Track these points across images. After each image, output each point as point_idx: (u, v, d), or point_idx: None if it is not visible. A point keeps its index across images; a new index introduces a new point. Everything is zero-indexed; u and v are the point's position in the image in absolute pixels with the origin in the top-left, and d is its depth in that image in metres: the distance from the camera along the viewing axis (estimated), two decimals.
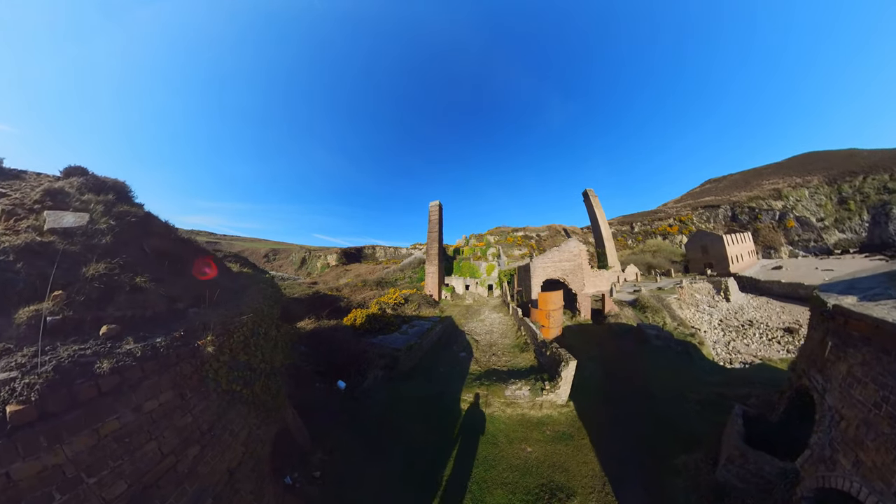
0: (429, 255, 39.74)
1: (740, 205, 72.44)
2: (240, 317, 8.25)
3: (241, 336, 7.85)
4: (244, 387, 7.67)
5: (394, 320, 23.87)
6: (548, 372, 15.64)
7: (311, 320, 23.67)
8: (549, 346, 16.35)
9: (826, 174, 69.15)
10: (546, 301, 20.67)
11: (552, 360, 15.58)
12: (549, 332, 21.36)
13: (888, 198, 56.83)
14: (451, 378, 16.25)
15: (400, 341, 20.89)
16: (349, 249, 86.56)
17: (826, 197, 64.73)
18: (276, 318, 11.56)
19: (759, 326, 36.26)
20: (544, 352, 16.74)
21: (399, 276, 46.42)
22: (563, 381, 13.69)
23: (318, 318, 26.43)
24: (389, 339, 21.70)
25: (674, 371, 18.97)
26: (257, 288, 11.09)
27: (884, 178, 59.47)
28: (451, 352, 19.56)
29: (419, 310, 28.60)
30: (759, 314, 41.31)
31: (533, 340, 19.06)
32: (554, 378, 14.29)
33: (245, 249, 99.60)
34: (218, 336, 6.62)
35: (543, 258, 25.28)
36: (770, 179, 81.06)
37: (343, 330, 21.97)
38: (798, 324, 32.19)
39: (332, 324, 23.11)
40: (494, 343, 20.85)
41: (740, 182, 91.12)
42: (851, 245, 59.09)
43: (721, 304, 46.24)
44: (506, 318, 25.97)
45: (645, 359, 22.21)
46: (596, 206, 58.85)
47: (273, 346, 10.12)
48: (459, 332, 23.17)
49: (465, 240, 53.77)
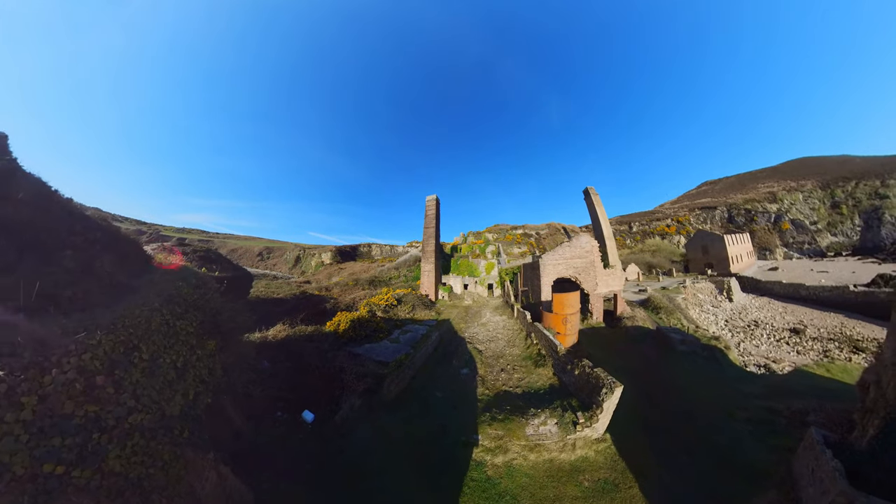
0: (425, 253, 35.79)
1: (736, 207, 71.11)
2: (93, 332, 4.32)
3: (86, 365, 3.88)
4: (77, 464, 3.68)
5: (384, 325, 19.90)
6: (576, 396, 11.81)
7: (285, 326, 19.57)
8: (576, 363, 12.52)
9: (820, 179, 68.61)
10: (563, 304, 16.87)
11: (583, 382, 11.73)
12: (566, 339, 17.60)
13: (879, 203, 56.64)
14: (452, 407, 12.20)
15: (389, 352, 16.89)
16: (344, 247, 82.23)
17: (819, 201, 64.38)
18: (188, 333, 7.59)
19: (766, 327, 33.80)
20: (569, 369, 12.93)
21: (393, 275, 42.42)
22: (604, 412, 9.88)
23: (294, 323, 22.40)
24: (377, 349, 17.68)
25: (707, 382, 16.17)
26: (159, 289, 7.14)
27: (875, 184, 59.38)
28: (451, 367, 15.50)
29: (413, 312, 24.72)
30: (762, 314, 38.89)
31: (551, 352, 15.24)
32: (588, 406, 10.45)
33: (239, 248, 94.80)
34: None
35: (553, 255, 21.56)
36: (765, 183, 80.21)
37: (321, 339, 17.91)
38: (802, 324, 29.71)
39: (310, 330, 19.02)
40: (501, 354, 16.96)
41: (736, 185, 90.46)
42: (843, 248, 58.38)
43: (724, 304, 43.63)
44: (510, 322, 22.15)
45: (673, 368, 18.72)
46: (597, 203, 55.85)
47: (170, 381, 6.14)
48: (459, 339, 19.22)
49: (462, 237, 49.90)
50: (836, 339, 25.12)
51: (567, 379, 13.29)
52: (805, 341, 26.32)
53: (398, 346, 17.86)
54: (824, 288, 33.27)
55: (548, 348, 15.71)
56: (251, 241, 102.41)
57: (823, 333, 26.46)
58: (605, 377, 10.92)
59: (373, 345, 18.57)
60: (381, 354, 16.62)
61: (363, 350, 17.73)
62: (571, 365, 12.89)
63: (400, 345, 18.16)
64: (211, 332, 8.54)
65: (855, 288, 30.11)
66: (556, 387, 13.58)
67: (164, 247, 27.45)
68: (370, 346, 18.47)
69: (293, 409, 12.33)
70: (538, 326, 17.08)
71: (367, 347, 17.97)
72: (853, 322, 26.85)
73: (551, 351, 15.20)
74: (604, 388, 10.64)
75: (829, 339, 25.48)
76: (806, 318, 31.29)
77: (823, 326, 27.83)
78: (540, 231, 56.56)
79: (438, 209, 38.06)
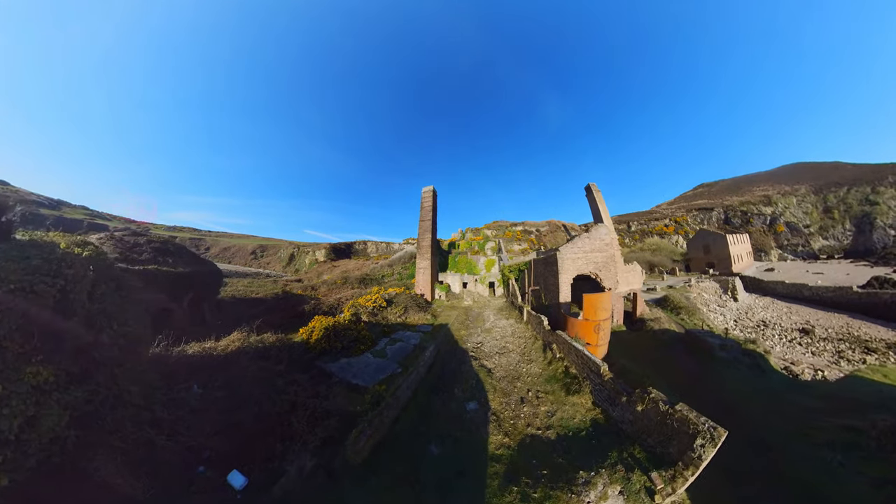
0: (420, 248, 31.26)
1: (733, 208, 69.67)
2: None
3: None
4: None
5: (367, 333, 15.37)
6: (638, 442, 7.50)
7: (242, 334, 14.93)
8: (636, 394, 8.18)
9: (813, 184, 67.92)
10: (595, 307, 12.53)
11: (653, 423, 7.38)
12: (597, 351, 13.30)
13: (869, 209, 56.37)
14: (457, 473, 7.66)
15: (369, 371, 12.37)
16: (339, 245, 77.23)
17: (812, 205, 63.90)
18: None
19: (775, 327, 31.49)
20: (623, 402, 8.61)
21: (387, 273, 37.83)
22: (697, 471, 5.55)
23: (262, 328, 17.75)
24: (355, 366, 13.13)
25: (761, 395, 13.82)
26: None
27: (866, 190, 59.18)
28: (452, 399, 10.77)
29: (406, 315, 20.27)
30: (768, 314, 36.59)
31: (588, 374, 10.81)
32: (662, 458, 6.22)
33: (232, 246, 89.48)
34: None
35: (572, 248, 17.26)
36: (760, 186, 79.04)
37: (283, 352, 13.39)
38: (810, 324, 27.60)
39: (272, 341, 14.40)
40: (517, 373, 12.45)
41: (732, 187, 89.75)
42: (835, 251, 57.79)
43: (730, 303, 40.79)
44: (520, 328, 17.77)
45: (720, 381, 15.39)
46: (599, 201, 52.24)
47: None
48: (460, 351, 14.64)
49: (460, 234, 45.42)
50: (845, 339, 23.24)
51: (619, 414, 8.96)
52: (816, 342, 24.13)
53: (382, 361, 13.34)
54: (827, 288, 31.65)
55: (582, 367, 11.30)
56: (245, 239, 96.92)
57: (832, 334, 24.58)
58: (698, 420, 6.66)
59: (351, 359, 14.02)
60: (358, 374, 12.08)
61: (337, 367, 13.16)
62: (628, 396, 8.56)
63: (385, 360, 13.63)
64: None
65: (858, 289, 28.35)
66: (600, 424, 9.23)
67: (111, 235, 22.63)
68: (347, 361, 13.91)
69: (222, 465, 7.75)
70: (563, 337, 12.66)
71: (342, 364, 13.41)
72: (858, 322, 25.25)
73: (588, 372, 10.79)
74: (698, 436, 6.38)
75: (839, 339, 23.53)
76: (812, 319, 29.28)
77: (830, 327, 26.04)
78: (540, 228, 52.33)
79: (435, 201, 33.58)
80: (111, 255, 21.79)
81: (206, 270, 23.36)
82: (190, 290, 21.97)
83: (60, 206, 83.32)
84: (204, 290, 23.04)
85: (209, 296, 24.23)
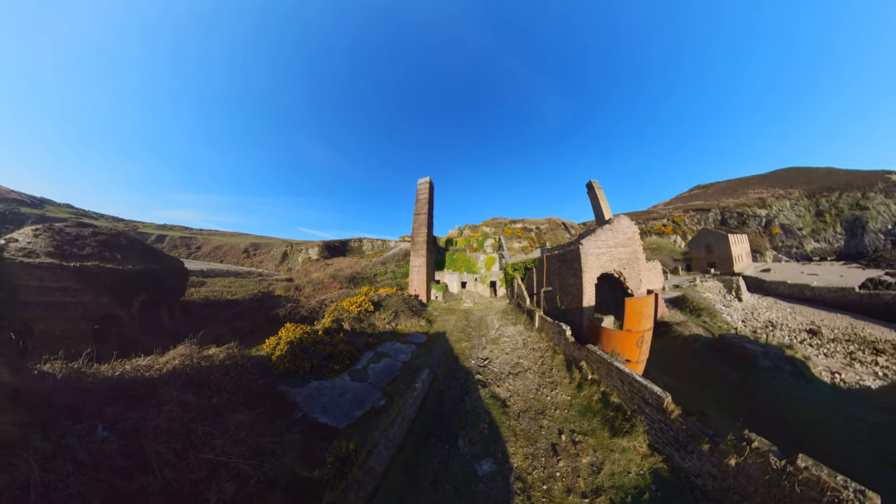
0: (414, 244, 27.65)
1: (729, 210, 68.98)
2: None
3: None
4: None
5: (345, 347, 11.72)
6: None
7: (189, 346, 11.24)
8: (731, 442, 4.88)
9: (806, 188, 68.07)
10: (638, 313, 9.22)
11: (764, 487, 4.09)
12: (638, 368, 9.97)
13: (860, 214, 57.01)
14: None
15: (344, 403, 8.84)
16: (333, 242, 73.17)
17: (805, 209, 64.02)
18: None
19: (783, 328, 29.15)
20: (705, 450, 5.28)
21: (379, 271, 34.14)
22: None
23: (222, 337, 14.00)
24: (327, 392, 9.57)
25: (818, 411, 12.28)
26: None
27: (857, 195, 59.61)
28: (456, 456, 6.74)
29: (396, 321, 16.63)
30: (773, 315, 34.38)
31: (640, 407, 7.44)
32: None
33: (224, 244, 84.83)
34: None
35: (595, 241, 13.82)
36: (755, 189, 77.97)
37: (228, 376, 9.74)
38: (815, 325, 25.73)
39: (222, 357, 10.72)
40: (541, 405, 8.80)
41: (727, 189, 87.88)
42: (826, 253, 58.07)
43: (735, 303, 38.36)
44: (532, 337, 14.28)
45: (770, 395, 13.23)
46: (601, 197, 49.66)
47: None
48: (462, 372, 10.83)
49: (458, 230, 41.92)
50: (852, 340, 22.00)
51: (694, 465, 5.76)
52: (826, 343, 22.69)
53: (362, 388, 9.77)
54: (829, 289, 30.57)
55: (629, 397, 7.91)
56: (237, 237, 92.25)
57: (839, 335, 23.32)
58: (839, 484, 3.39)
59: (323, 383, 10.41)
60: (329, 407, 8.54)
61: (303, 396, 9.56)
62: (712, 443, 5.26)
63: (365, 385, 10.05)
64: None
65: (860, 290, 27.48)
66: (665, 477, 6.05)
67: (49, 227, 18.68)
68: (318, 385, 10.31)
69: None
70: (597, 354, 9.22)
71: (311, 390, 9.80)
72: (861, 323, 24.25)
73: (641, 404, 7.41)
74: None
75: (847, 340, 22.29)
76: (816, 319, 27.80)
77: (835, 327, 24.78)
78: (540, 226, 49.09)
79: (432, 194, 30.02)
80: (44, 250, 17.91)
81: (164, 269, 19.48)
82: (142, 291, 18.11)
83: (44, 204, 78.01)
84: (162, 291, 19.17)
85: (170, 298, 20.38)
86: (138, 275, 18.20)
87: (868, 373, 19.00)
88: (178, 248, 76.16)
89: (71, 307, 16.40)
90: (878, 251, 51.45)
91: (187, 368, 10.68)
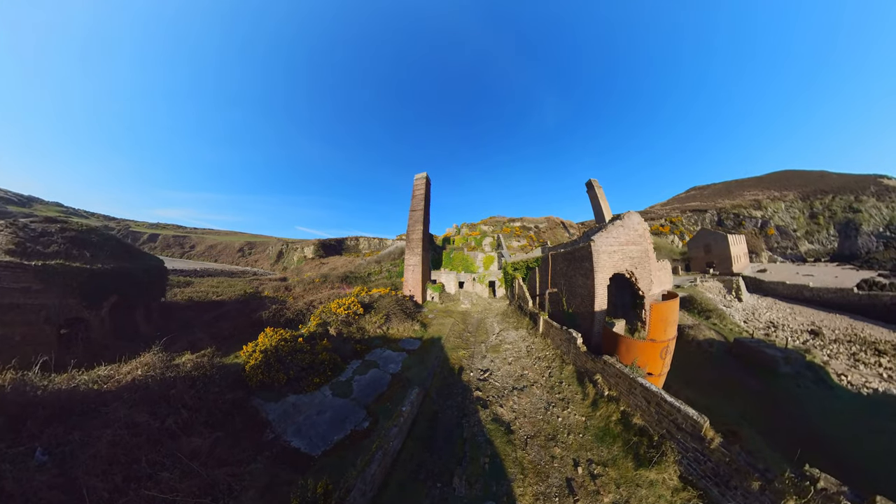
0: (409, 242, 26.26)
1: (725, 211, 69.28)
2: None
3: None
4: None
5: (326, 356, 10.33)
6: None
7: (153, 355, 9.83)
8: (796, 482, 3.62)
9: (801, 191, 68.92)
10: (666, 321, 8.15)
11: None
12: (660, 381, 8.73)
13: (852, 216, 58.15)
14: None
15: (323, 423, 7.50)
16: (329, 241, 71.47)
17: (799, 211, 64.93)
18: None
19: (784, 328, 28.99)
20: (754, 489, 4.02)
21: (374, 270, 32.72)
22: None
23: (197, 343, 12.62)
24: (304, 408, 8.23)
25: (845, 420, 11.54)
26: None
27: (849, 198, 60.80)
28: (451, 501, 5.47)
29: (387, 325, 15.04)
30: (773, 315, 34.35)
31: (672, 433, 6.17)
32: None
33: (218, 243, 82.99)
34: None
35: (607, 238, 12.46)
36: (751, 191, 78.37)
37: (191, 390, 8.36)
38: (816, 325, 25.85)
39: (189, 367, 9.33)
40: (552, 428, 7.39)
41: (723, 191, 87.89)
42: (819, 255, 58.79)
43: (735, 303, 37.79)
44: (536, 343, 12.93)
45: (796, 405, 12.22)
46: (600, 196, 48.83)
47: None
48: (459, 387, 9.26)
49: (455, 229, 40.56)
50: (853, 341, 21.95)
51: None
52: (828, 344, 22.61)
53: (344, 405, 8.43)
54: (828, 290, 30.62)
55: (656, 419, 6.64)
56: (233, 236, 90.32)
57: (840, 335, 23.23)
58: None
59: (301, 398, 9.06)
60: (305, 428, 7.23)
61: (278, 412, 8.21)
62: (765, 481, 4.03)
63: (348, 401, 8.70)
64: None
65: (859, 291, 27.74)
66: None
67: (13, 222, 17.14)
68: (296, 400, 8.95)
69: None
70: (616, 367, 7.90)
71: (287, 406, 8.44)
72: (860, 324, 24.36)
73: (672, 429, 6.16)
74: None
75: (848, 341, 22.21)
76: (816, 320, 27.80)
77: (836, 328, 24.75)
78: (539, 224, 47.83)
79: (428, 190, 28.63)
80: (4, 248, 16.36)
81: (139, 267, 17.97)
82: (113, 291, 16.61)
83: (31, 202, 75.79)
84: (136, 291, 17.68)
85: (147, 299, 18.89)
86: (109, 274, 16.68)
87: (872, 374, 18.22)
88: (172, 248, 74.25)
89: (32, 310, 14.86)
90: (870, 253, 52.23)
91: (149, 380, 9.30)
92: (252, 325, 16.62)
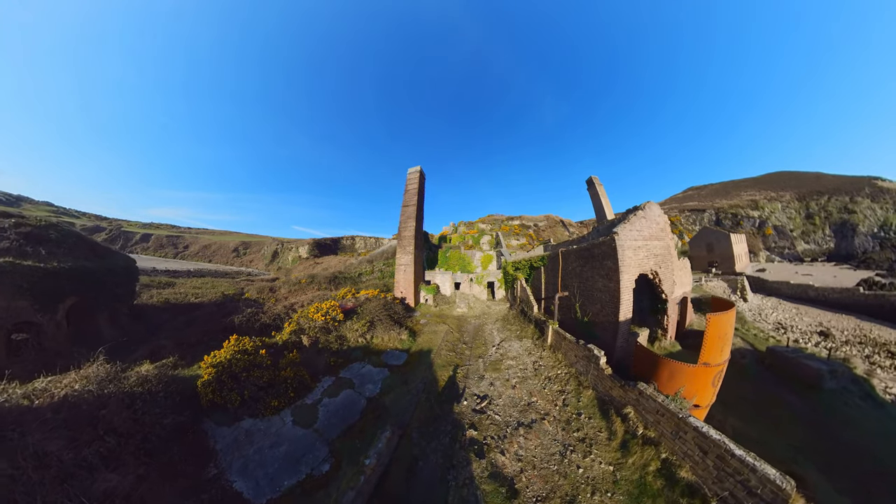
0: (401, 240, 24.50)
1: (723, 211, 69.25)
2: None
3: None
4: None
5: (289, 375, 8.55)
6: None
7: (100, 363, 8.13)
8: None
9: (797, 191, 69.48)
10: (723, 338, 6.33)
11: None
12: (704, 413, 6.97)
13: (847, 217, 59.10)
14: None
15: (275, 461, 5.88)
16: (324, 240, 69.66)
17: (796, 211, 65.55)
18: None
19: (794, 330, 27.46)
20: None
21: (365, 270, 30.96)
22: None
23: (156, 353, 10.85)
24: (259, 439, 6.54)
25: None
26: None
27: (845, 199, 61.95)
28: None
29: (371, 333, 13.29)
30: (780, 315, 32.87)
31: (736, 497, 4.44)
32: None
33: (213, 243, 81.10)
34: None
35: (630, 229, 10.54)
36: (748, 191, 78.56)
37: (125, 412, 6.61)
38: (823, 326, 24.81)
39: (132, 383, 7.62)
40: (572, 485, 5.54)
41: (720, 191, 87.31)
42: (816, 255, 59.29)
43: (740, 304, 36.13)
44: (544, 358, 11.03)
45: (851, 430, 10.17)
46: (601, 194, 47.09)
47: None
48: (448, 421, 7.81)
49: (452, 227, 38.81)
50: (864, 342, 20.89)
51: None
52: (840, 346, 21.55)
53: (305, 436, 6.74)
54: (833, 290, 29.87)
55: (715, 474, 4.92)
56: (227, 235, 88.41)
57: (849, 336, 22.27)
58: None
59: (257, 423, 7.36)
60: (254, 464, 5.60)
61: (227, 440, 6.58)
62: None
63: (311, 432, 7.02)
64: None
65: (864, 290, 26.95)
66: None
67: None
68: (251, 425, 7.26)
69: None
70: (658, 400, 6.09)
71: (239, 432, 6.77)
72: (867, 324, 23.50)
73: (740, 491, 4.50)
74: None
75: (859, 342, 21.13)
76: (823, 320, 26.82)
77: (844, 329, 23.83)
78: (538, 223, 46.11)
79: (422, 185, 26.88)
80: None
81: (103, 267, 16.20)
82: (70, 293, 14.82)
83: (20, 202, 73.88)
84: (99, 293, 15.90)
85: (113, 301, 17.11)
86: (65, 274, 14.89)
87: (892, 378, 16.59)
88: (165, 248, 72.40)
89: None
90: (867, 253, 51.94)
91: (85, 396, 7.63)
92: (224, 331, 14.83)
